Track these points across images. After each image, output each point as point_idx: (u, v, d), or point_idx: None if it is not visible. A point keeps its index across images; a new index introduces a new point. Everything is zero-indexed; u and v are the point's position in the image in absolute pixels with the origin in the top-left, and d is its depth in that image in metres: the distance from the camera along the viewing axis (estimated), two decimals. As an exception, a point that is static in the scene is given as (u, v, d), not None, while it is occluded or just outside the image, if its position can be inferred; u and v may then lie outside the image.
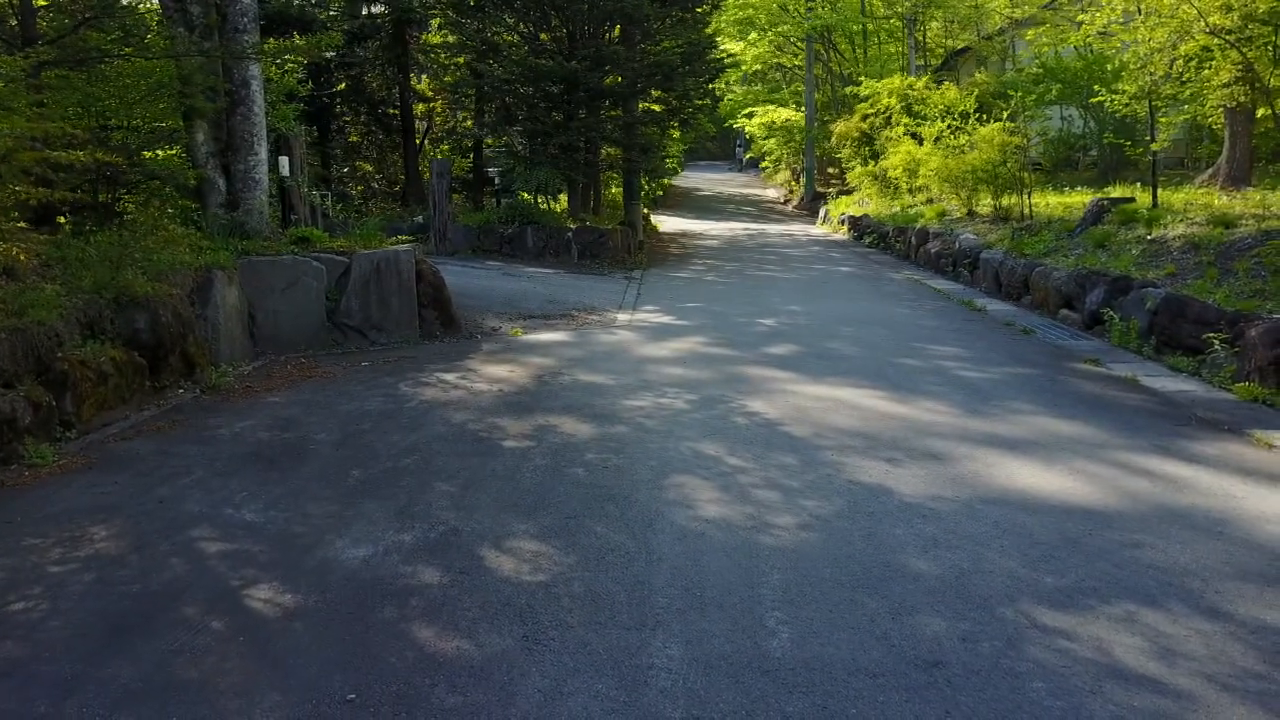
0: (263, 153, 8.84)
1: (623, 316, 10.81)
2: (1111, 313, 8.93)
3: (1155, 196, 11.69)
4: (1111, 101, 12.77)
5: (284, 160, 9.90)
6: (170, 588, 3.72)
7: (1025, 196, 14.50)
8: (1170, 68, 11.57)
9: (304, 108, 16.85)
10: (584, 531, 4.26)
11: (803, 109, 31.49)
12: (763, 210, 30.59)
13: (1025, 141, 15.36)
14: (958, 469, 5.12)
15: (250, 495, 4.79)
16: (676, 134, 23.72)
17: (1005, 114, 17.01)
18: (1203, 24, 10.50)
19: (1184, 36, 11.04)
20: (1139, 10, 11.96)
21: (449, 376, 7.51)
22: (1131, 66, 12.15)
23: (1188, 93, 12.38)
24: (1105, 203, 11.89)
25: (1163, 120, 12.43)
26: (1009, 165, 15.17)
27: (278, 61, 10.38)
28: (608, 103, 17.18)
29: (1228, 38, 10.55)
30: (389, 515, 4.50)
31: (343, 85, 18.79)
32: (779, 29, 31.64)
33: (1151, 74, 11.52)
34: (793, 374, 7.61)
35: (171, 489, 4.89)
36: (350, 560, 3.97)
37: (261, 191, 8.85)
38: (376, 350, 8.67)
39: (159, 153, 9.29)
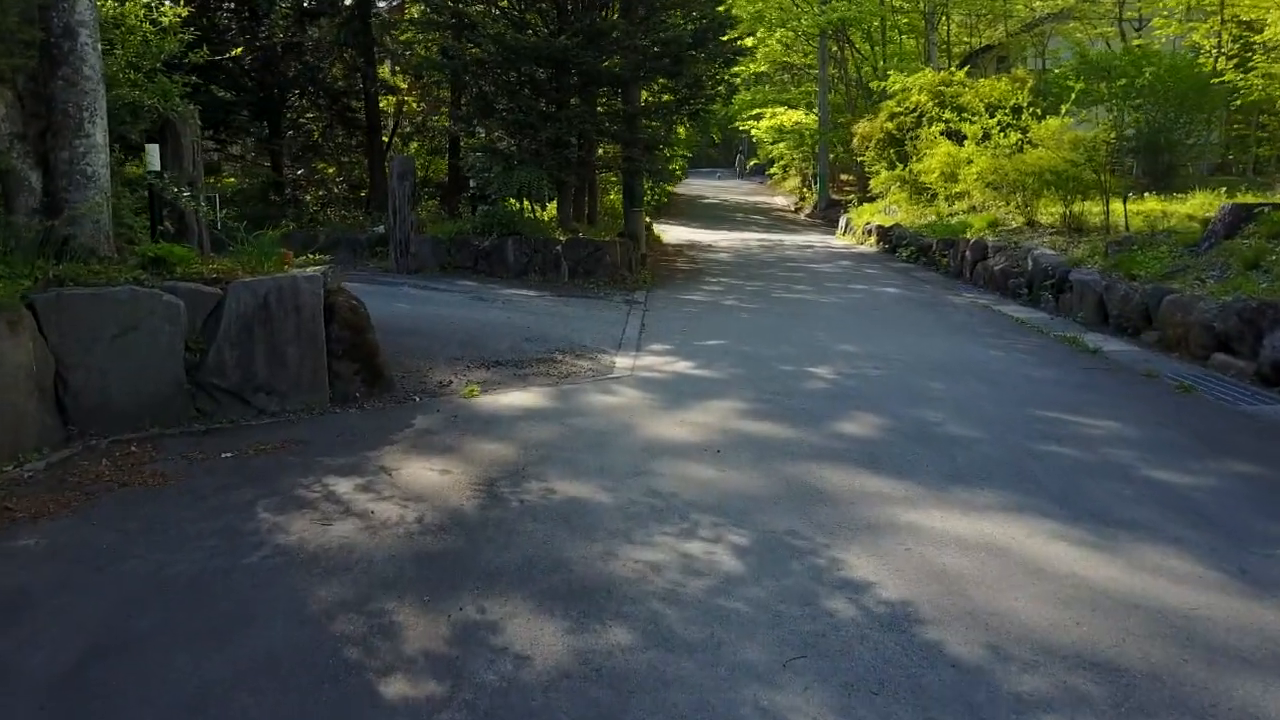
0: (98, 135, 6.05)
1: (622, 361, 8.01)
2: (1326, 368, 6.19)
3: (1312, 202, 9.00)
4: (1246, 80, 10.06)
5: (153, 150, 7.12)
6: None
7: (1122, 203, 11.71)
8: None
9: (224, 95, 14.15)
10: None
11: (814, 111, 28.84)
12: (773, 219, 27.88)
13: (1111, 137, 12.64)
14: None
15: None
16: (683, 131, 20.94)
17: (1064, 109, 14.34)
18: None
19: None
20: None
21: (342, 487, 4.67)
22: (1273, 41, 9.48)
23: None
24: (1253, 209, 9.13)
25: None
26: (1088, 166, 12.47)
27: (151, 15, 7.56)
28: (605, 90, 14.41)
29: None
30: None
31: (290, 69, 16.01)
32: (791, 25, 28.94)
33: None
34: (895, 480, 4.80)
35: None
36: None
37: (96, 191, 6.06)
38: (260, 426, 5.85)
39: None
